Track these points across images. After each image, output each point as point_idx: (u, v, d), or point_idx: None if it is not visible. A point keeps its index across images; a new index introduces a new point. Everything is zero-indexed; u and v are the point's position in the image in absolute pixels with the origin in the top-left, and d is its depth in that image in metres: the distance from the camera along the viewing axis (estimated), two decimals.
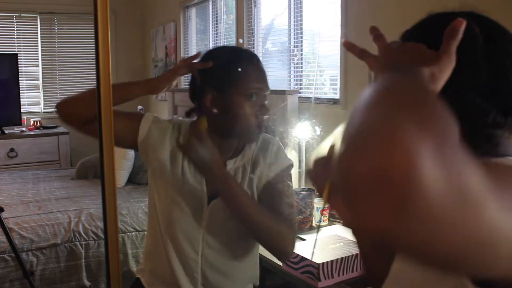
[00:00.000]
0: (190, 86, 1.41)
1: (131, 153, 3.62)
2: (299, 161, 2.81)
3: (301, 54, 3.15)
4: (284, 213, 1.34)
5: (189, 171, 1.36)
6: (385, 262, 0.67)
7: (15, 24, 5.24)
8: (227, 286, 1.43)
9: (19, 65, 4.94)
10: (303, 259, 1.82)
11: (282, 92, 2.82)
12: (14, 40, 5.24)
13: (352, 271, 1.81)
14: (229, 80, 1.29)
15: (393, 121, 0.40)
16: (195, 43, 4.63)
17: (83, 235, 2.66)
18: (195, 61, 1.38)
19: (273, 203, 1.35)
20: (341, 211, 0.51)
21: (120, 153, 3.57)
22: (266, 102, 1.34)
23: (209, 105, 1.32)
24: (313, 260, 1.77)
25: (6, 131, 4.88)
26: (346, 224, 0.49)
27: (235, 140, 1.40)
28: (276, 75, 3.48)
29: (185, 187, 1.36)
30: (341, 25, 2.65)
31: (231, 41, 3.90)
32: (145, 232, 2.41)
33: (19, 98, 4.90)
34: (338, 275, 1.78)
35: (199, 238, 1.37)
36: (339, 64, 2.69)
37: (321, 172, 0.61)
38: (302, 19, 3.09)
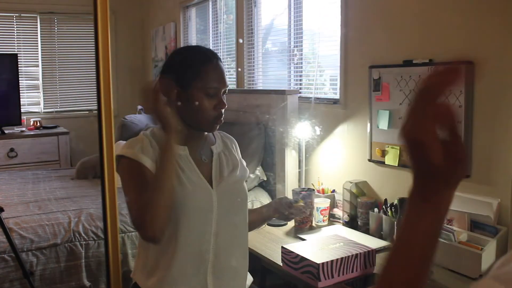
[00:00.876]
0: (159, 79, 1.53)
1: None
2: (299, 161, 2.81)
3: (301, 54, 3.15)
4: None
5: (183, 166, 1.46)
6: None
7: (15, 24, 5.24)
8: (235, 268, 1.54)
9: (19, 65, 4.94)
10: (303, 259, 1.82)
11: (282, 92, 2.83)
12: (14, 40, 5.24)
13: (352, 271, 1.81)
14: (190, 79, 1.44)
15: None
16: (195, 43, 4.63)
17: (83, 235, 2.66)
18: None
19: None
20: None
21: None
22: (224, 97, 1.50)
23: (174, 99, 1.45)
24: (313, 260, 1.77)
25: (6, 131, 4.88)
26: None
27: (203, 132, 1.54)
28: (276, 75, 3.48)
29: (187, 179, 1.45)
30: (341, 25, 2.65)
31: (231, 41, 3.90)
32: None
33: (19, 98, 4.90)
34: (338, 275, 1.78)
35: (211, 218, 1.47)
36: (339, 64, 2.69)
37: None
38: (302, 19, 3.09)
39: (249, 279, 1.66)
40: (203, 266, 1.47)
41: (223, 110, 1.49)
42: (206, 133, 1.56)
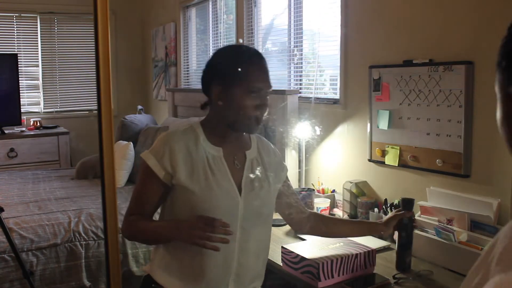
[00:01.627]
0: (202, 79, 1.53)
1: (131, 153, 3.62)
2: (299, 161, 2.81)
3: (301, 54, 3.15)
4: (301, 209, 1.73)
5: (214, 168, 1.46)
6: None
7: (15, 24, 5.24)
8: (255, 277, 1.55)
9: (19, 65, 4.95)
10: (303, 259, 1.82)
11: (282, 92, 2.82)
12: (14, 40, 5.24)
13: (352, 271, 1.81)
14: (234, 78, 1.43)
15: None
16: (195, 43, 4.63)
17: (83, 235, 2.66)
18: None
19: (290, 202, 1.68)
20: None
21: (120, 153, 3.57)
22: (267, 98, 1.49)
23: (215, 97, 1.46)
24: (313, 260, 1.77)
25: (6, 131, 4.88)
26: None
27: (242, 132, 1.53)
28: (276, 75, 3.48)
29: (216, 183, 1.45)
30: (341, 25, 2.65)
31: (231, 41, 3.89)
32: None
33: (19, 98, 4.90)
34: (338, 275, 1.78)
35: (236, 225, 1.46)
36: (339, 64, 2.69)
37: None
38: (302, 19, 3.09)
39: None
40: (227, 274, 1.46)
41: (264, 111, 1.48)
42: (242, 136, 1.55)
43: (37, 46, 5.33)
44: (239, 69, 1.43)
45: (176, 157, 1.42)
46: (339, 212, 2.57)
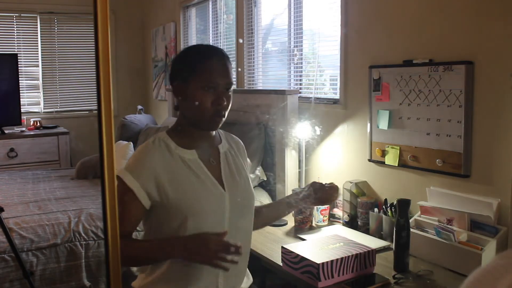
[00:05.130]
0: (169, 80, 1.57)
1: (131, 153, 3.62)
2: (299, 161, 2.81)
3: (301, 54, 3.15)
4: None
5: (196, 171, 1.47)
6: None
7: (15, 24, 5.24)
8: (242, 269, 1.57)
9: (19, 65, 4.94)
10: (303, 259, 1.82)
11: (282, 92, 2.82)
12: (14, 40, 5.24)
13: (352, 271, 1.81)
14: (189, 73, 1.45)
15: None
16: (195, 43, 4.63)
17: (83, 235, 2.66)
18: None
19: None
20: None
21: (120, 153, 3.57)
22: (228, 93, 1.48)
23: (176, 94, 1.50)
24: (313, 260, 1.77)
25: (6, 131, 4.88)
26: None
27: (206, 130, 1.53)
28: (276, 75, 3.48)
29: (202, 185, 1.46)
30: (341, 25, 2.65)
31: (231, 41, 3.90)
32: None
33: (19, 98, 4.89)
34: (338, 275, 1.78)
35: (224, 220, 1.48)
36: (339, 64, 2.69)
37: None
38: (302, 19, 3.09)
39: (249, 279, 1.66)
40: (216, 270, 1.46)
41: (223, 107, 1.45)
42: (212, 134, 1.56)
43: (37, 46, 5.33)
44: (194, 64, 1.45)
45: (159, 175, 1.42)
46: (339, 212, 2.57)
